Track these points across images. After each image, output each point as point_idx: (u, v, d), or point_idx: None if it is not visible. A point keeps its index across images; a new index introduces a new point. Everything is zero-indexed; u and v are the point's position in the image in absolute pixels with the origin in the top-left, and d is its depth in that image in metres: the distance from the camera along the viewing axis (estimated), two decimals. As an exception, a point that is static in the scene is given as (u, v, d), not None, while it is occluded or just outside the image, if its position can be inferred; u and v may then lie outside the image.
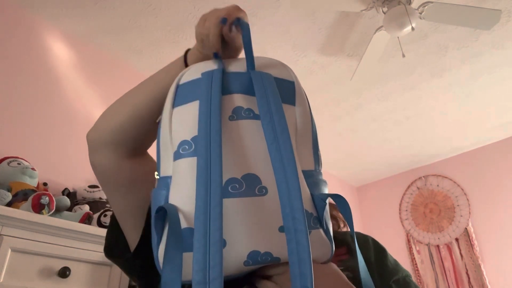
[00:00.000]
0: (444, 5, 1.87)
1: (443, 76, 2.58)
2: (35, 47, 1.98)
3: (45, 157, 1.81)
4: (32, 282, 1.25)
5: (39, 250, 1.28)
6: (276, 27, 2.14)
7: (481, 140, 3.44)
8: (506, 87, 2.72)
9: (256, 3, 1.98)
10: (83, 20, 2.07)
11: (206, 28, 0.52)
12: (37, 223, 1.28)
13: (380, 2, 1.93)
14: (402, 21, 1.82)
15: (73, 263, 1.34)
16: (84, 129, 2.04)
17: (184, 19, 2.08)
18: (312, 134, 0.49)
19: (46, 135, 1.87)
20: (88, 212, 1.53)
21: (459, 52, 2.37)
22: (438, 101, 2.85)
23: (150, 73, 2.84)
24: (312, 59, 2.39)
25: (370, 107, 2.90)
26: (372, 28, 2.12)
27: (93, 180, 1.94)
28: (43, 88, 1.94)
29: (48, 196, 1.37)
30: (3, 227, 1.21)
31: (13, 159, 1.56)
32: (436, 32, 2.21)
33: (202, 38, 0.53)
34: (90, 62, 2.21)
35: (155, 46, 2.26)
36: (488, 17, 1.88)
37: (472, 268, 3.22)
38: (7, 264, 1.20)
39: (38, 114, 1.88)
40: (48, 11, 2.01)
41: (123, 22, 2.08)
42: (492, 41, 2.28)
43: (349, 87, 2.65)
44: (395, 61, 2.42)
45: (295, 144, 0.46)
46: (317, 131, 0.51)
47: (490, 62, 2.46)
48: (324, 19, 2.10)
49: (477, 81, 2.64)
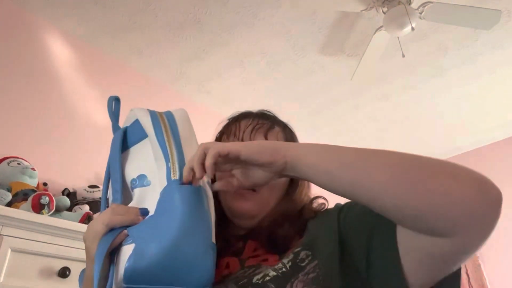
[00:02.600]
0: (444, 5, 1.87)
1: (443, 76, 2.58)
2: (35, 47, 1.98)
3: (45, 157, 1.81)
4: (32, 282, 1.25)
5: (39, 250, 1.28)
6: (276, 27, 2.14)
7: (481, 140, 3.44)
8: (506, 87, 2.72)
9: (256, 3, 1.98)
10: (83, 20, 2.07)
11: None
12: (37, 223, 1.28)
13: (380, 2, 1.93)
14: (402, 21, 1.82)
15: (73, 263, 1.34)
16: (84, 129, 2.04)
17: (184, 19, 2.07)
18: None
19: (46, 135, 1.87)
20: (88, 212, 1.53)
21: (459, 52, 2.37)
22: (438, 101, 2.85)
23: (150, 73, 2.84)
24: (312, 59, 2.39)
25: (370, 107, 2.90)
26: (372, 28, 2.12)
27: (93, 180, 1.94)
28: (43, 88, 1.94)
29: (48, 196, 1.37)
30: (3, 227, 1.21)
31: (13, 159, 1.56)
32: (436, 32, 2.20)
33: None
34: (90, 62, 2.21)
35: (155, 46, 2.26)
36: (488, 17, 1.88)
37: (472, 268, 3.22)
38: (7, 264, 1.20)
39: (38, 114, 1.88)
40: (48, 11, 2.01)
41: (123, 22, 2.08)
42: (492, 41, 2.28)
43: (349, 87, 2.65)
44: (395, 61, 2.42)
45: None
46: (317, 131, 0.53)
47: (490, 62, 2.46)
48: (324, 19, 2.10)
49: (477, 81, 2.64)
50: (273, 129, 0.70)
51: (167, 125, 0.55)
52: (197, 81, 2.57)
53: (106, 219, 0.51)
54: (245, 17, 2.06)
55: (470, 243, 0.44)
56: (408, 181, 0.43)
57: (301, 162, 0.49)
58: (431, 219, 0.42)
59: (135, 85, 2.39)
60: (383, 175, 0.44)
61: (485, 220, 0.42)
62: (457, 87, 2.70)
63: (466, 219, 0.41)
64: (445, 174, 0.42)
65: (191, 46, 2.26)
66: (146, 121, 0.56)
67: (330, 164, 0.48)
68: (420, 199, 0.42)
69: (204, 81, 2.58)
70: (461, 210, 0.41)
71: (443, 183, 0.41)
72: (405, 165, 0.44)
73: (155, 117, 0.56)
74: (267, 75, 2.52)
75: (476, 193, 0.41)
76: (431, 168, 0.44)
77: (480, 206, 0.41)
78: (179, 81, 2.56)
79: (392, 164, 0.45)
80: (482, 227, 0.42)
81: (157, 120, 0.56)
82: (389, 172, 0.44)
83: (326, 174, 0.48)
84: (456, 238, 0.43)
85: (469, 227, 0.42)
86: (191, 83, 2.59)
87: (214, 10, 2.02)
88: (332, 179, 0.48)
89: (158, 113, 0.58)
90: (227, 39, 2.22)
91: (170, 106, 2.43)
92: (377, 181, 0.44)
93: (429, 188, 0.41)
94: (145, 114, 0.57)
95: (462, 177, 0.42)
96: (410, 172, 0.43)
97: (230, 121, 0.74)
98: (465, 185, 0.41)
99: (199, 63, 2.41)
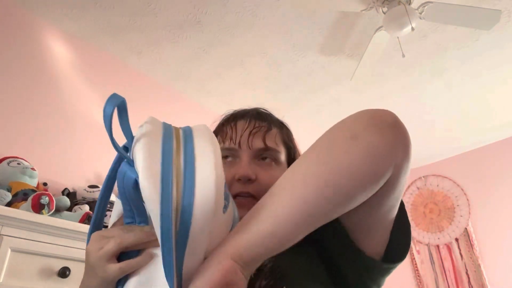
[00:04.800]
0: (444, 5, 1.87)
1: (443, 76, 2.58)
2: (35, 47, 1.98)
3: (45, 157, 1.81)
4: (32, 282, 1.25)
5: (39, 250, 1.28)
6: (276, 27, 2.14)
7: (481, 140, 3.44)
8: (506, 87, 2.72)
9: (256, 3, 1.98)
10: (83, 20, 2.07)
11: None
12: (37, 223, 1.28)
13: (380, 2, 1.93)
14: (402, 21, 1.82)
15: (73, 263, 1.34)
16: (84, 129, 2.04)
17: (184, 19, 2.07)
18: None
19: (46, 135, 1.87)
20: (88, 212, 1.54)
21: (459, 52, 2.37)
22: (438, 101, 2.85)
23: (150, 73, 2.83)
24: (312, 59, 2.39)
25: (370, 107, 2.89)
26: (372, 28, 2.12)
27: (93, 180, 1.94)
28: (43, 88, 1.94)
29: (48, 196, 1.37)
30: (3, 227, 1.21)
31: (13, 159, 1.56)
32: (436, 32, 2.20)
33: None
34: (90, 62, 2.21)
35: (155, 46, 2.26)
36: (488, 17, 1.88)
37: (472, 268, 3.22)
38: (7, 264, 1.20)
39: (38, 114, 1.88)
40: (48, 11, 2.01)
41: (123, 22, 2.08)
42: (492, 41, 2.28)
43: (349, 87, 2.65)
44: (395, 61, 2.42)
45: None
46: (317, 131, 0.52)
47: (490, 62, 2.46)
48: (324, 19, 2.10)
49: (477, 81, 2.64)
50: (271, 131, 0.69)
51: (177, 226, 0.38)
52: (197, 81, 2.57)
53: (118, 238, 0.44)
54: (245, 17, 2.06)
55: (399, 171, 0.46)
56: (336, 174, 0.43)
57: (250, 254, 0.41)
58: (375, 182, 0.44)
59: (135, 85, 2.39)
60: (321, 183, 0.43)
61: (404, 148, 0.45)
62: (457, 87, 2.70)
63: (396, 159, 0.44)
64: (351, 142, 0.44)
65: (191, 46, 2.26)
66: (154, 209, 0.37)
67: (278, 226, 0.42)
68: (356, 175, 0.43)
69: (204, 81, 2.58)
70: (390, 156, 0.44)
71: (360, 152, 0.43)
72: (323, 167, 0.44)
73: (167, 219, 0.37)
74: (267, 75, 2.52)
75: (383, 137, 0.43)
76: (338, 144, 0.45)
77: (395, 141, 0.44)
78: (179, 81, 2.57)
79: (313, 172, 0.44)
80: (404, 155, 0.45)
81: (168, 215, 0.37)
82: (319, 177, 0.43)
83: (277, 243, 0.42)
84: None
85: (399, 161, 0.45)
86: (191, 83, 2.59)
87: (214, 10, 2.02)
88: (298, 229, 0.43)
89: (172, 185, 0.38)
90: (227, 39, 2.22)
91: (170, 106, 2.44)
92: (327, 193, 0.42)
93: (355, 164, 0.43)
94: (153, 192, 0.37)
95: (360, 132, 0.44)
96: (332, 169, 0.43)
97: (224, 121, 0.72)
98: (372, 135, 0.43)
99: (199, 63, 2.41)
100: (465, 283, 3.22)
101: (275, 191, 0.45)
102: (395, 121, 0.45)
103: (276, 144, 0.69)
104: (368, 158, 0.42)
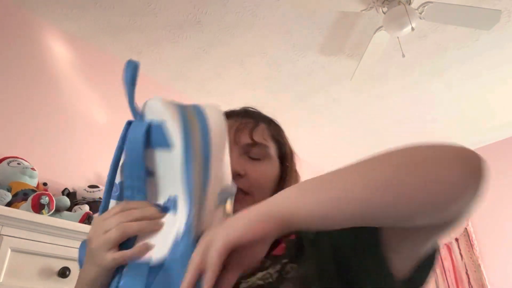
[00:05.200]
0: (444, 5, 1.87)
1: (443, 76, 2.58)
2: (35, 47, 1.98)
3: (45, 157, 1.81)
4: (32, 282, 1.25)
5: (39, 250, 1.28)
6: (276, 27, 2.14)
7: (481, 140, 3.44)
8: (506, 87, 2.72)
9: (256, 3, 1.98)
10: (83, 20, 2.07)
11: None
12: (37, 223, 1.28)
13: (380, 2, 1.93)
14: (402, 21, 1.82)
15: (73, 263, 1.34)
16: (84, 129, 2.04)
17: (184, 19, 2.07)
18: None
19: (46, 135, 1.87)
20: (88, 212, 1.53)
21: (459, 52, 2.37)
22: (438, 101, 2.85)
23: (150, 73, 2.82)
24: (312, 59, 2.39)
25: (370, 107, 2.90)
26: (372, 28, 2.12)
27: (93, 180, 1.94)
28: (43, 88, 1.94)
29: (48, 196, 1.37)
30: (3, 227, 1.21)
31: (13, 159, 1.56)
32: (436, 32, 2.20)
33: None
34: (90, 62, 2.21)
35: (155, 46, 2.26)
36: (488, 17, 1.88)
37: (472, 268, 3.22)
38: (7, 264, 1.20)
39: (38, 114, 1.88)
40: (48, 11, 2.01)
41: (123, 22, 2.08)
42: (492, 41, 2.28)
43: (349, 87, 2.65)
44: (395, 61, 2.42)
45: None
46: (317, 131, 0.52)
47: (490, 62, 2.46)
48: (324, 19, 2.10)
49: (477, 81, 2.64)
50: (258, 127, 0.68)
51: (199, 146, 0.45)
52: (197, 81, 2.57)
53: (121, 227, 0.45)
54: (245, 17, 2.06)
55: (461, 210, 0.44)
56: (406, 188, 0.42)
57: (301, 218, 0.42)
58: (431, 210, 0.42)
59: (135, 85, 2.39)
60: (390, 190, 0.42)
61: (477, 190, 0.43)
62: (457, 87, 2.70)
63: (460, 198, 0.42)
64: (431, 162, 0.43)
65: (191, 46, 2.26)
66: (175, 134, 0.47)
67: (331, 208, 0.43)
68: (420, 195, 0.41)
69: (204, 81, 2.58)
70: (454, 192, 0.41)
71: (433, 172, 0.42)
72: (397, 174, 0.43)
73: (187, 130, 0.46)
74: (267, 75, 2.52)
75: (462, 173, 0.41)
76: (416, 163, 0.43)
77: (470, 182, 0.42)
78: (179, 81, 2.56)
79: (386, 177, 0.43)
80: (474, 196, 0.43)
81: (189, 137, 0.45)
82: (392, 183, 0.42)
83: (330, 218, 0.43)
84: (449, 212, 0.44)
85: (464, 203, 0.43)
86: (191, 83, 2.59)
87: (214, 10, 2.02)
88: (336, 219, 0.43)
89: (190, 122, 0.47)
90: (227, 39, 2.22)
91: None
92: (387, 200, 0.42)
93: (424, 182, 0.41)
94: (174, 120, 0.47)
95: (445, 160, 0.42)
96: (402, 180, 0.42)
97: None
98: (451, 167, 0.41)
99: (199, 63, 2.41)
100: (465, 283, 3.22)
101: (342, 171, 0.44)
102: (486, 175, 0.43)
103: (264, 139, 0.68)
104: (448, 195, 0.41)
